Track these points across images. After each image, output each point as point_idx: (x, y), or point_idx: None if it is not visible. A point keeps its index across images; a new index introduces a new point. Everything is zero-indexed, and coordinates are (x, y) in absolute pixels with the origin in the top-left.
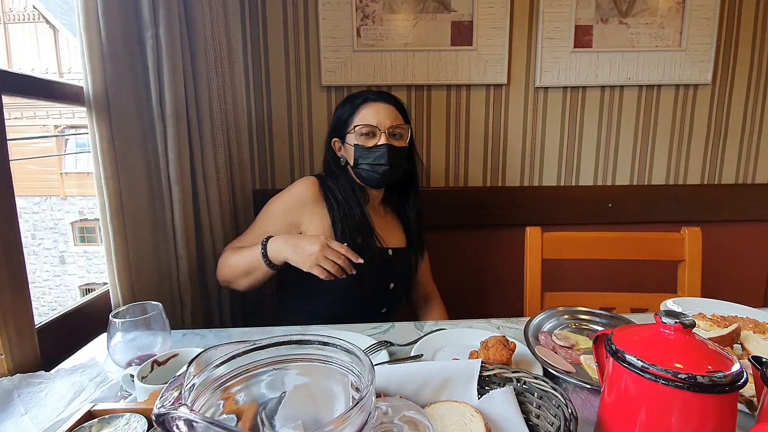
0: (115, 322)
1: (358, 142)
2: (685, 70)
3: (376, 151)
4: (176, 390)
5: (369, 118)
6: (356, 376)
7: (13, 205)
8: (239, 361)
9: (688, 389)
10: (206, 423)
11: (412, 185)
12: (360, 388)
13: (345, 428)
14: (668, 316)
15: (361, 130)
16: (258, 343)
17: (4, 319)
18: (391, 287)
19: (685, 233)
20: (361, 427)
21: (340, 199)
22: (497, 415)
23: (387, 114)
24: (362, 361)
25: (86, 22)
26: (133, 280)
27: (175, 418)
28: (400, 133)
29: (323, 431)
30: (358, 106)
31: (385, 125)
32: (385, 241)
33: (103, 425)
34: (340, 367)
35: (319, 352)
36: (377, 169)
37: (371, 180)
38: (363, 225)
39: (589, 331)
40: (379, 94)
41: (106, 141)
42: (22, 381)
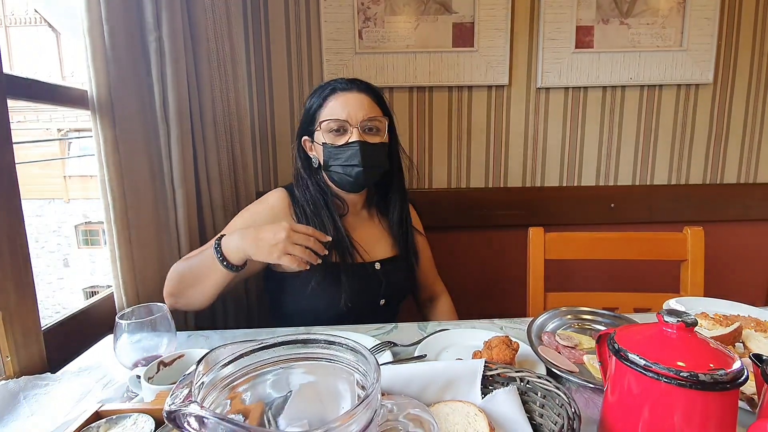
0: (121, 324)
1: (326, 140)
2: (686, 70)
3: (346, 150)
4: (186, 388)
5: (337, 112)
6: (362, 375)
7: (19, 208)
8: (246, 361)
9: (690, 387)
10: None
11: (394, 187)
12: (366, 387)
13: (351, 425)
14: (670, 315)
15: (329, 126)
16: (264, 343)
17: (11, 321)
18: (382, 303)
19: (688, 233)
20: (368, 424)
21: (310, 213)
22: (501, 414)
23: (359, 105)
24: (368, 359)
25: (90, 25)
26: (137, 282)
27: (186, 415)
28: (375, 127)
29: (330, 427)
30: (326, 98)
31: (357, 119)
32: (370, 253)
33: (111, 425)
34: (345, 366)
35: (325, 351)
36: (349, 171)
37: (344, 184)
38: (338, 240)
39: (592, 331)
40: (349, 82)
41: (110, 144)
42: (28, 383)
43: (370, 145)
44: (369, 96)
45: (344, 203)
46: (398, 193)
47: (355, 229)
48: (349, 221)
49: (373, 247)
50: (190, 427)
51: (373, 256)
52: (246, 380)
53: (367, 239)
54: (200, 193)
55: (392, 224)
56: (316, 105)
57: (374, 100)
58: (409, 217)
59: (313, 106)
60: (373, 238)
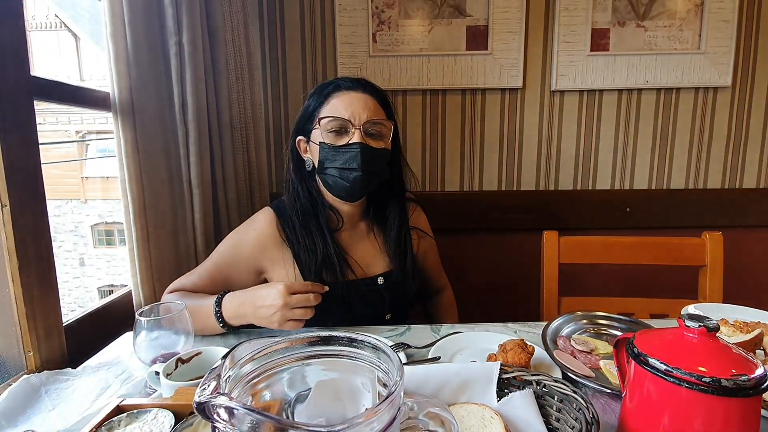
0: (141, 321)
1: (324, 139)
2: (704, 73)
3: (346, 152)
4: (213, 380)
5: (339, 110)
6: (384, 373)
7: (44, 207)
8: (269, 357)
9: (713, 393)
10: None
11: (393, 200)
12: (388, 384)
13: (374, 422)
14: (692, 319)
15: (329, 125)
16: (288, 339)
17: (34, 317)
18: (387, 318)
19: (707, 238)
20: (390, 422)
21: (299, 226)
22: (517, 417)
23: (363, 105)
24: (391, 358)
25: (113, 29)
26: (154, 280)
27: (216, 406)
28: (378, 131)
29: (353, 423)
30: (328, 95)
31: (361, 119)
32: (369, 267)
33: (132, 420)
34: (367, 364)
35: (346, 349)
36: (347, 175)
37: (339, 189)
38: (328, 258)
39: (608, 336)
40: (355, 81)
41: (130, 145)
42: (50, 377)
43: (373, 150)
44: (374, 98)
45: (339, 216)
46: (397, 207)
47: (351, 244)
48: (344, 236)
49: (370, 263)
50: (220, 418)
51: (372, 271)
52: (267, 376)
53: (364, 254)
54: (216, 194)
55: (389, 241)
56: (316, 102)
57: (380, 102)
58: (409, 234)
59: (312, 104)
60: (371, 253)
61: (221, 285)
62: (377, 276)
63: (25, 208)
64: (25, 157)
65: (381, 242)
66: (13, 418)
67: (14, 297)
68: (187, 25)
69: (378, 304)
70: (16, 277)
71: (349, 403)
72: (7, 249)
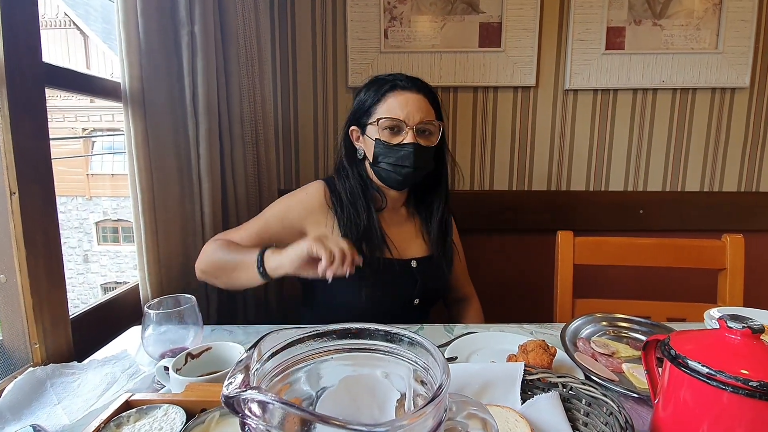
0: (149, 314)
1: (380, 136)
2: (721, 73)
3: (400, 151)
4: (241, 373)
5: (395, 110)
6: (422, 369)
7: (53, 196)
8: (296, 349)
9: (760, 398)
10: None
11: (438, 189)
12: (427, 382)
13: (416, 426)
14: (734, 320)
15: (386, 124)
16: (317, 331)
17: (41, 309)
18: (416, 303)
19: (727, 240)
20: (437, 426)
21: (346, 201)
22: (542, 421)
23: (418, 107)
24: (433, 354)
25: (125, 18)
26: (162, 274)
27: (248, 400)
28: (429, 130)
29: (396, 425)
30: (385, 93)
31: (414, 120)
32: (405, 250)
33: (141, 416)
34: (404, 360)
35: (380, 343)
36: (399, 170)
37: (391, 181)
38: (369, 232)
39: (629, 339)
40: (410, 81)
41: (140, 136)
42: (55, 371)
43: (424, 149)
44: (427, 98)
45: (384, 198)
46: (442, 198)
47: (391, 225)
48: (386, 217)
49: (407, 246)
50: (252, 414)
51: (407, 254)
52: (292, 371)
53: (402, 236)
54: (225, 189)
55: (431, 227)
56: (374, 99)
57: (431, 102)
58: (450, 221)
59: (369, 99)
60: (409, 237)
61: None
62: (411, 259)
63: (34, 197)
64: (35, 145)
65: (419, 227)
66: (18, 412)
67: (21, 287)
68: (199, 16)
69: (409, 287)
70: (24, 267)
71: (380, 401)
72: (15, 238)
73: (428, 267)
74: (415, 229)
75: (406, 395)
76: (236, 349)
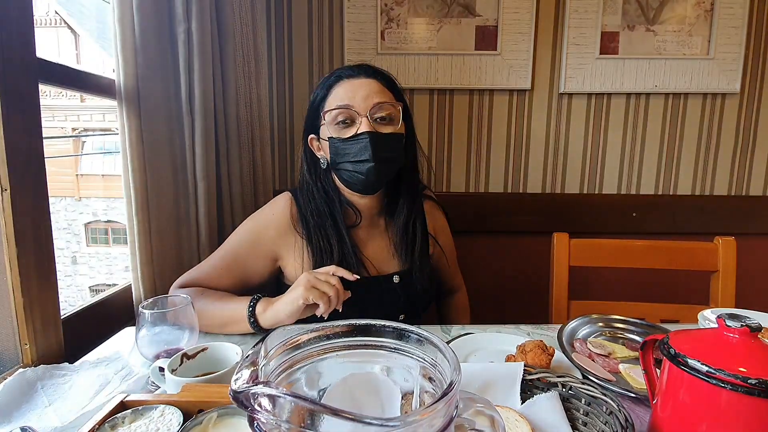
0: (144, 314)
1: (332, 133)
2: (712, 79)
3: (355, 143)
4: (248, 368)
5: (342, 98)
6: (431, 366)
7: (45, 193)
8: (302, 346)
9: (758, 395)
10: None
11: (404, 188)
12: (435, 378)
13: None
14: (732, 319)
15: (334, 116)
16: (324, 327)
17: (31, 309)
18: (402, 318)
19: (719, 243)
20: (448, 423)
21: (313, 224)
22: (542, 421)
23: (368, 90)
24: (442, 350)
25: (121, 14)
26: (155, 274)
27: (258, 395)
28: (387, 115)
29: (409, 420)
30: (331, 86)
31: (367, 105)
32: (385, 266)
33: (137, 417)
34: (411, 357)
35: (387, 340)
36: (360, 167)
37: (356, 183)
38: (343, 256)
39: (625, 340)
40: (357, 68)
41: (134, 134)
42: (46, 372)
43: (382, 136)
44: (378, 81)
45: (357, 211)
46: (407, 196)
47: (369, 240)
48: (361, 234)
49: (387, 261)
50: (262, 408)
51: (388, 269)
52: (297, 368)
53: (381, 252)
54: (221, 189)
55: (397, 231)
56: (320, 96)
57: (385, 84)
58: (418, 223)
59: (317, 98)
60: (388, 251)
61: (237, 274)
62: (393, 274)
63: (26, 194)
64: (28, 142)
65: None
66: (8, 414)
67: (11, 286)
68: (196, 13)
69: (392, 304)
70: (14, 265)
71: (383, 399)
72: (6, 235)
73: (411, 281)
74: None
75: (413, 393)
76: (232, 349)
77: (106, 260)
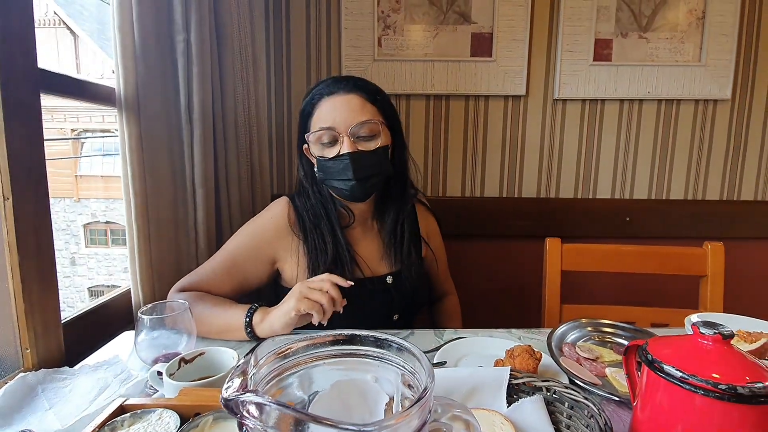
0: (143, 319)
1: (316, 152)
2: (704, 86)
3: (338, 163)
4: (238, 377)
5: (323, 118)
6: (410, 374)
7: (47, 201)
8: (291, 355)
9: (728, 400)
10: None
11: (392, 193)
12: (413, 385)
13: (403, 425)
14: (706, 326)
15: (318, 137)
16: (311, 337)
17: (32, 313)
18: (396, 318)
19: (708, 248)
20: (421, 426)
21: (309, 224)
22: (527, 424)
23: (348, 108)
24: (419, 359)
25: (121, 23)
26: (154, 279)
27: (246, 402)
28: (369, 132)
29: (383, 425)
30: (314, 104)
31: (347, 124)
32: (378, 267)
33: (135, 420)
34: (392, 365)
35: (370, 349)
36: (344, 185)
37: (344, 196)
38: (338, 255)
39: (613, 344)
40: (337, 83)
41: (134, 141)
42: (47, 376)
43: (364, 155)
44: (359, 95)
45: (350, 213)
46: (396, 200)
47: (362, 241)
48: (355, 234)
49: (380, 261)
50: (250, 415)
51: (381, 270)
52: (286, 375)
53: (374, 252)
54: (219, 194)
55: (385, 233)
56: (306, 111)
57: (367, 98)
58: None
59: (304, 111)
60: (381, 252)
61: (237, 278)
62: (386, 275)
63: (28, 202)
64: (29, 151)
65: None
66: (9, 417)
67: (13, 292)
68: (195, 23)
69: (386, 304)
70: (16, 272)
71: (370, 404)
72: (8, 243)
73: (404, 281)
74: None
75: (394, 398)
76: (229, 353)
77: (105, 261)
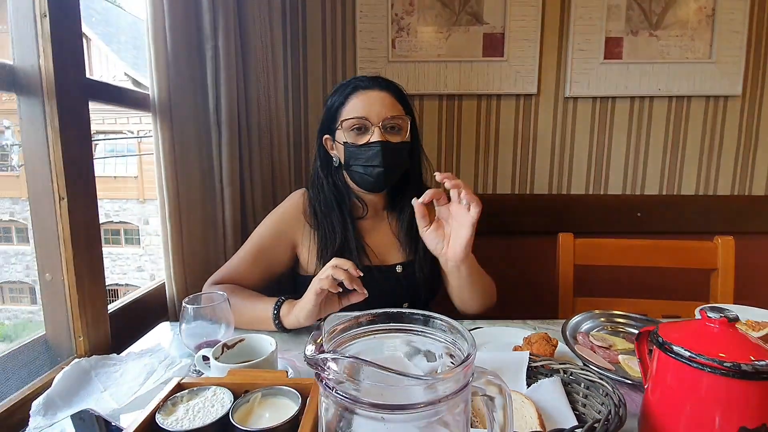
0: (188, 308)
1: (347, 139)
2: (715, 82)
3: (368, 150)
4: (311, 344)
5: (358, 110)
6: (452, 345)
7: (95, 199)
8: (348, 330)
9: (733, 376)
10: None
11: (409, 189)
12: (454, 355)
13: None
14: (713, 311)
15: (351, 124)
16: (367, 314)
17: (84, 304)
18: (405, 307)
19: (718, 242)
20: (466, 384)
21: (320, 215)
22: (546, 402)
23: (381, 103)
24: (464, 335)
25: (154, 33)
26: (186, 273)
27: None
28: (397, 126)
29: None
30: (348, 96)
31: (379, 117)
32: (388, 256)
33: (193, 396)
34: (434, 338)
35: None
36: (371, 171)
37: (365, 183)
38: (346, 244)
39: (626, 334)
40: (371, 80)
41: (167, 143)
42: (98, 362)
43: (392, 145)
44: (391, 94)
45: (364, 205)
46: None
47: (373, 232)
48: (366, 225)
49: (390, 251)
50: (330, 369)
51: (390, 259)
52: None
53: (384, 242)
54: (244, 193)
55: (402, 228)
56: (338, 103)
57: (396, 98)
58: None
59: (335, 104)
60: (391, 242)
61: (263, 264)
62: (395, 264)
63: (79, 201)
64: (80, 155)
65: (398, 231)
66: (69, 399)
67: (67, 284)
68: (222, 31)
69: (395, 292)
70: (71, 266)
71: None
72: (63, 239)
73: (413, 270)
74: (397, 234)
75: (438, 368)
76: (266, 340)
77: (119, 260)
